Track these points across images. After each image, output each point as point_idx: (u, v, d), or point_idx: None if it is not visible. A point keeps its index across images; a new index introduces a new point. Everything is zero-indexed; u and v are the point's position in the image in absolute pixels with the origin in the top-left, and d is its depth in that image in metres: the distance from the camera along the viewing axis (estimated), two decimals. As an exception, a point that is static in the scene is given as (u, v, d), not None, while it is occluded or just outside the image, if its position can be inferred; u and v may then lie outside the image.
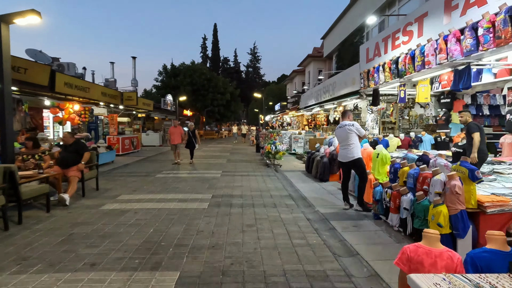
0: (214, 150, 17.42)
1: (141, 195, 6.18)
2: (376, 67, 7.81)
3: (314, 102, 15.12)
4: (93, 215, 4.78)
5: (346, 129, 5.01)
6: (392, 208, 4.11)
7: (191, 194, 6.28)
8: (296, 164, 11.06)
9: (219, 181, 7.85)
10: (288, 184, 7.49)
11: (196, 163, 11.48)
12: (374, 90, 8.51)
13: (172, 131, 11.07)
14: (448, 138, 9.09)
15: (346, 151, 5.03)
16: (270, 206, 5.41)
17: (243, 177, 8.53)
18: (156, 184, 7.31)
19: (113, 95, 14.61)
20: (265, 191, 6.73)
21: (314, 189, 6.82)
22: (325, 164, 7.62)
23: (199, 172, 9.40)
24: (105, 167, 10.09)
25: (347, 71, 10.64)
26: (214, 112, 35.89)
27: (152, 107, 20.92)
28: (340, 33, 16.91)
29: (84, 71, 22.38)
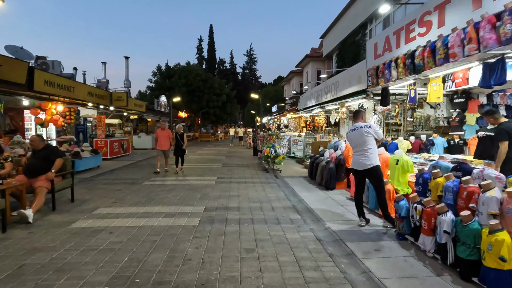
0: (209, 154, 16.59)
1: (122, 207, 5.33)
2: (387, 63, 7.08)
3: (314, 103, 14.38)
4: (58, 236, 3.93)
5: (362, 132, 4.25)
6: (425, 229, 3.33)
7: (180, 206, 5.45)
8: (297, 169, 10.28)
9: (213, 189, 7.03)
10: (291, 193, 6.70)
11: (189, 168, 10.63)
12: (383, 89, 7.77)
13: (159, 134, 9.40)
14: (462, 141, 8.38)
15: (362, 157, 4.25)
16: (272, 222, 4.60)
17: (240, 184, 7.72)
18: (142, 194, 6.46)
19: (101, 95, 13.73)
20: (266, 201, 5.92)
21: (321, 199, 6.04)
22: (331, 171, 6.84)
23: (192, 178, 8.56)
24: (89, 173, 9.22)
25: (351, 69, 9.92)
26: (209, 114, 35.03)
27: (144, 109, 20.04)
28: (341, 32, 16.25)
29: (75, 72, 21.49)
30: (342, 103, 11.14)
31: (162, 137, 9.35)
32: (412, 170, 4.54)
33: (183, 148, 9.66)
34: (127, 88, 24.29)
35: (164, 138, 9.36)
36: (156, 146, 9.54)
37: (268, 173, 9.72)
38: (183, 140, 9.63)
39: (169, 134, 9.48)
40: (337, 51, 17.09)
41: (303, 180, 8.24)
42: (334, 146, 7.91)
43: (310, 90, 15.65)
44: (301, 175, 8.99)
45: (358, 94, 9.17)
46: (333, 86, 11.39)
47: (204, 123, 38.18)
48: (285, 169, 10.04)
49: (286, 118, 27.40)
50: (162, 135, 9.38)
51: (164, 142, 9.38)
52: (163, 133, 9.41)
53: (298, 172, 9.69)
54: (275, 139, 10.94)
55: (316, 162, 7.85)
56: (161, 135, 9.37)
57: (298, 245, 3.69)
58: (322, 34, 19.87)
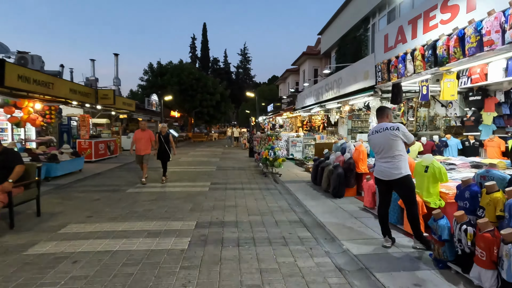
0: (203, 155, 15.71)
1: (96, 224, 4.46)
2: (401, 55, 6.34)
3: (314, 101, 13.63)
4: (5, 268, 3.05)
5: (388, 135, 3.47)
6: (481, 259, 2.56)
7: (167, 221, 4.60)
8: (297, 172, 9.50)
9: (206, 198, 6.19)
10: (295, 202, 5.91)
11: (180, 172, 9.76)
12: (395, 85, 7.04)
13: (138, 136, 7.65)
14: (478, 142, 7.71)
15: (389, 165, 3.48)
16: (278, 243, 3.80)
17: (236, 191, 6.90)
18: (124, 205, 5.59)
19: (86, 93, 12.75)
20: (267, 213, 5.12)
21: (330, 210, 5.26)
22: (340, 176, 6.07)
23: (182, 185, 7.70)
24: (68, 178, 8.28)
25: (357, 64, 9.17)
26: (203, 113, 34.07)
27: (134, 108, 19.03)
28: (341, 27, 15.55)
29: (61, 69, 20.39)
30: (345, 101, 10.40)
31: (142, 140, 7.64)
32: (446, 179, 3.78)
33: (170, 152, 8.06)
34: (117, 86, 23.26)
35: (145, 141, 7.67)
36: (134, 151, 7.71)
37: (266, 177, 8.92)
38: (168, 143, 7.99)
39: (151, 136, 7.76)
40: (336, 47, 16.40)
41: (306, 186, 7.46)
42: (341, 148, 7.16)
43: (309, 88, 14.90)
44: (303, 180, 8.21)
45: (365, 91, 8.42)
46: (335, 83, 10.65)
47: (198, 123, 37.20)
48: (285, 173, 9.26)
49: (281, 118, 26.65)
50: (141, 137, 7.65)
51: (143, 145, 7.64)
52: (143, 135, 7.69)
53: (299, 176, 8.91)
54: (274, 140, 10.13)
55: (321, 166, 7.08)
56: (140, 138, 7.64)
57: (315, 278, 2.89)
58: (320, 30, 19.16)
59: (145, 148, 7.70)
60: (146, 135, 7.72)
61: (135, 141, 7.67)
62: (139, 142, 7.63)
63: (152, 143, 7.79)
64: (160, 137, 7.96)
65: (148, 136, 7.73)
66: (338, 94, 10.52)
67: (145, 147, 7.69)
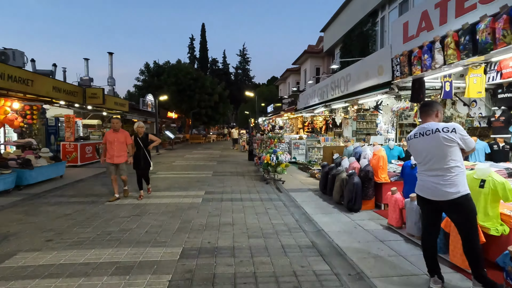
0: (199, 158, 14.74)
1: (54, 252, 3.50)
2: (427, 45, 5.41)
3: (318, 101, 12.70)
4: None
5: (440, 139, 2.54)
6: None
7: (146, 247, 3.64)
8: (302, 179, 8.56)
9: (198, 212, 5.23)
10: (303, 217, 4.96)
11: (173, 178, 8.79)
12: (416, 80, 6.12)
13: (110, 138, 5.94)
14: (508, 145, 6.79)
15: (441, 180, 2.54)
16: (289, 284, 2.84)
17: (234, 203, 5.94)
18: (98, 222, 4.62)
19: (72, 92, 11.78)
20: (271, 234, 4.16)
21: (347, 229, 4.32)
22: (357, 187, 5.12)
23: (172, 195, 6.74)
24: (45, 185, 7.33)
25: (369, 58, 8.26)
26: (201, 114, 33.10)
27: (127, 108, 18.08)
28: (345, 23, 14.66)
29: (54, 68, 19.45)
30: (353, 101, 9.48)
31: (115, 143, 5.89)
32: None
33: (151, 159, 6.33)
34: (112, 86, 22.33)
35: (119, 145, 5.92)
36: (104, 157, 6.03)
37: (268, 184, 7.97)
38: (147, 147, 6.22)
39: (127, 138, 6.07)
40: (341, 44, 15.49)
41: (314, 195, 6.51)
42: (355, 153, 6.21)
43: (313, 87, 13.96)
44: (309, 188, 7.27)
45: (378, 88, 7.50)
46: (342, 80, 9.73)
47: (196, 124, 36.22)
48: (288, 179, 8.31)
49: (281, 119, 25.73)
50: (114, 140, 5.90)
51: (117, 150, 5.92)
52: (116, 137, 5.92)
53: (304, 183, 7.96)
54: (276, 143, 9.18)
55: (332, 173, 6.13)
56: (113, 140, 5.90)
57: None
58: (323, 27, 18.26)
59: (120, 154, 5.95)
60: (121, 136, 5.97)
61: (107, 145, 5.95)
62: (112, 147, 5.91)
63: (128, 148, 6.08)
64: (136, 140, 6.15)
65: (123, 138, 5.99)
66: (346, 93, 9.59)
67: (119, 153, 5.94)
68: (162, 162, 12.89)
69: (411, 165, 4.19)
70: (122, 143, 6.00)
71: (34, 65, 19.03)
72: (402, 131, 12.18)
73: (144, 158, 6.20)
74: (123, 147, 6.01)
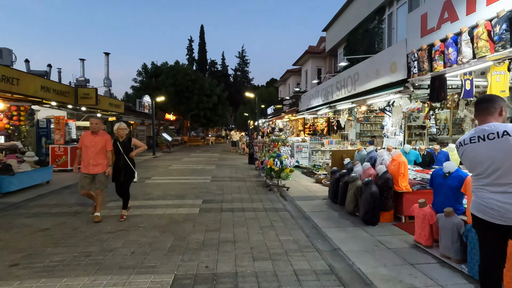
0: (197, 162, 14.10)
1: (17, 281, 2.86)
2: (452, 37, 4.84)
3: (322, 102, 12.12)
4: None
5: (511, 143, 1.93)
6: None
7: (129, 275, 3.01)
8: (308, 185, 7.95)
9: (194, 226, 4.60)
10: (315, 232, 4.34)
11: (167, 186, 8.16)
12: (436, 77, 5.54)
13: (87, 142, 4.76)
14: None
15: (510, 198, 1.93)
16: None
17: (235, 214, 5.31)
18: (77, 239, 3.99)
19: (62, 92, 11.13)
20: (280, 255, 3.54)
21: (368, 247, 3.70)
22: (374, 197, 4.51)
23: (166, 204, 6.11)
24: (27, 193, 6.69)
25: (380, 55, 7.69)
26: (199, 116, 32.48)
27: (123, 109, 17.42)
28: (349, 21, 14.11)
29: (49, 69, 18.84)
30: (361, 101, 8.89)
31: (92, 148, 4.72)
32: None
33: (135, 169, 5.08)
34: (108, 87, 21.71)
35: (96, 151, 4.73)
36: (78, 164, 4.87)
37: (271, 191, 7.35)
38: (128, 153, 4.95)
39: (107, 144, 4.85)
40: (344, 43, 14.94)
41: (323, 204, 5.90)
42: (369, 158, 5.61)
43: (316, 88, 13.38)
44: (317, 195, 6.66)
45: (391, 87, 6.92)
46: (349, 79, 9.14)
47: (194, 126, 35.58)
48: (292, 185, 7.70)
49: (281, 121, 25.13)
50: (90, 145, 4.73)
51: (95, 158, 4.72)
52: (94, 141, 4.75)
53: (311, 189, 7.35)
54: (280, 146, 8.56)
55: (344, 180, 5.52)
56: (89, 145, 4.73)
57: None
58: (325, 27, 17.71)
59: (97, 162, 4.73)
60: (100, 141, 4.77)
61: (83, 149, 4.77)
62: (88, 152, 4.70)
63: (107, 155, 4.87)
64: (116, 145, 4.90)
65: (102, 142, 4.79)
66: (353, 92, 9.00)
67: (97, 161, 4.72)
68: (158, 166, 12.26)
69: (444, 174, 3.58)
70: (101, 149, 4.78)
71: (28, 65, 18.38)
72: (411, 133, 11.61)
73: (126, 168, 4.91)
74: (101, 153, 4.80)
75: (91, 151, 4.72)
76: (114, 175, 4.94)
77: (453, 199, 3.47)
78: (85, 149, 4.75)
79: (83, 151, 4.79)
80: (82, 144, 4.79)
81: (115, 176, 4.94)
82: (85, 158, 4.76)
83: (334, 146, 11.40)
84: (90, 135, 4.81)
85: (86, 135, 4.84)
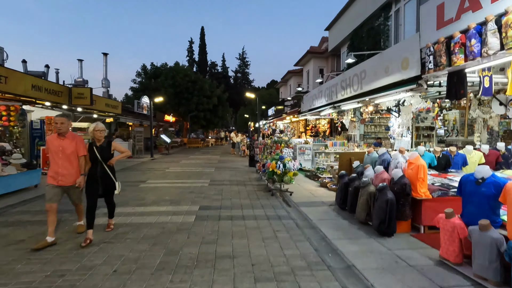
0: (196, 164, 13.61)
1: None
2: (475, 27, 4.36)
3: (325, 102, 11.65)
4: None
5: None
6: None
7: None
8: (312, 189, 7.46)
9: (189, 237, 4.11)
10: (324, 245, 3.84)
11: (162, 190, 7.68)
12: (454, 73, 5.07)
13: (53, 147, 3.89)
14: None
15: None
16: None
17: (234, 222, 4.82)
18: (53, 254, 3.50)
19: (55, 91, 10.68)
20: (286, 274, 3.04)
21: (388, 266, 3.21)
22: (391, 205, 4.02)
23: (160, 210, 5.62)
24: (12, 198, 6.23)
25: (389, 51, 7.23)
26: (199, 117, 32.01)
27: (120, 110, 16.98)
28: (353, 19, 13.67)
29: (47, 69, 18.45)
30: (369, 100, 8.41)
31: (60, 154, 3.86)
32: None
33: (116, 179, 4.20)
34: (106, 88, 21.31)
35: (66, 157, 3.87)
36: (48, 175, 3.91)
37: (273, 196, 6.85)
38: (107, 160, 4.07)
39: (78, 148, 3.95)
40: (348, 42, 14.50)
41: (330, 211, 5.41)
42: (382, 161, 5.12)
43: (319, 87, 12.92)
44: (323, 201, 6.17)
45: (402, 85, 6.44)
46: (355, 78, 8.67)
47: (194, 127, 35.11)
48: (296, 189, 7.22)
49: (282, 123, 24.66)
50: (58, 150, 3.87)
51: (64, 165, 3.86)
52: (61, 146, 3.87)
53: (315, 194, 6.86)
54: (283, 148, 8.07)
55: (354, 185, 5.03)
56: (57, 150, 3.87)
57: None
58: (328, 25, 17.28)
59: (68, 172, 3.86)
60: (69, 144, 3.88)
61: (51, 155, 3.91)
62: (55, 160, 3.84)
63: (80, 161, 3.98)
64: (92, 149, 3.99)
65: (72, 146, 3.89)
66: (359, 92, 8.53)
67: (67, 169, 3.86)
68: (155, 169, 11.77)
69: (476, 180, 3.09)
70: (71, 155, 3.88)
71: (26, 66, 17.99)
72: (419, 134, 11.12)
73: (104, 178, 4.04)
74: (72, 160, 3.90)
75: (58, 158, 3.83)
76: (89, 186, 3.98)
77: (489, 209, 2.98)
78: (52, 156, 3.88)
79: (50, 158, 3.92)
80: (49, 149, 3.91)
81: (91, 188, 3.97)
82: (52, 166, 3.86)
83: (339, 148, 10.91)
84: (57, 138, 3.88)
85: (51, 138, 3.93)
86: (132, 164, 13.30)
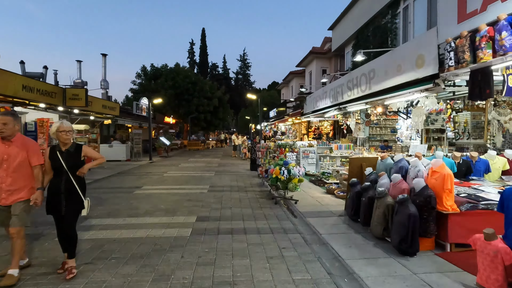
0: (195, 168, 13.12)
1: None
2: (506, 18, 3.87)
3: (330, 103, 11.15)
4: None
5: None
6: None
7: None
8: (319, 196, 6.95)
9: (182, 259, 3.60)
10: (338, 267, 3.34)
11: (158, 197, 7.19)
12: (477, 71, 4.56)
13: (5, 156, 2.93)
14: None
15: None
16: None
17: (235, 237, 4.31)
18: (20, 282, 3.00)
19: (48, 92, 10.21)
20: (296, 308, 2.54)
21: (416, 295, 2.69)
22: (414, 220, 3.51)
23: (152, 223, 5.12)
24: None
25: (402, 48, 6.78)
26: (199, 119, 31.55)
27: (117, 112, 16.50)
28: (358, 18, 13.20)
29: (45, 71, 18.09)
30: (378, 101, 7.92)
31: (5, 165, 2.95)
32: None
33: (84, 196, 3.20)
34: (105, 89, 20.92)
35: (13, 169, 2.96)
36: None
37: (277, 204, 6.35)
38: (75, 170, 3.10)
39: (31, 155, 3.05)
40: (353, 41, 14.03)
41: (341, 223, 4.90)
42: (399, 168, 4.60)
43: (323, 88, 12.43)
44: (331, 210, 5.67)
45: (417, 85, 5.94)
46: (363, 78, 8.18)
47: (194, 129, 34.64)
48: (301, 196, 6.72)
49: (284, 125, 24.18)
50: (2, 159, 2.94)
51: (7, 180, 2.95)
52: (6, 153, 2.93)
53: (322, 202, 6.36)
54: (287, 152, 7.57)
55: (368, 195, 4.52)
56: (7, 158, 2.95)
57: None
58: (331, 25, 16.81)
59: (14, 187, 2.98)
60: (16, 151, 2.98)
61: None
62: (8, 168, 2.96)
63: (35, 172, 3.09)
64: (56, 156, 3.07)
65: (22, 154, 3.01)
66: (368, 92, 8.02)
67: (13, 184, 2.98)
68: (152, 173, 11.29)
69: (525, 195, 2.58)
70: (19, 165, 2.99)
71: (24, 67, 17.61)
72: (429, 137, 10.61)
73: (69, 193, 3.08)
74: (21, 172, 3.00)
75: (2, 170, 2.94)
76: (50, 203, 3.07)
77: (542, 232, 2.48)
78: (2, 163, 2.94)
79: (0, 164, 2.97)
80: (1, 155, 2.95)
81: (52, 206, 3.07)
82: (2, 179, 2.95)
83: (345, 151, 10.40)
84: (0, 143, 2.96)
85: None
86: (129, 167, 12.82)
